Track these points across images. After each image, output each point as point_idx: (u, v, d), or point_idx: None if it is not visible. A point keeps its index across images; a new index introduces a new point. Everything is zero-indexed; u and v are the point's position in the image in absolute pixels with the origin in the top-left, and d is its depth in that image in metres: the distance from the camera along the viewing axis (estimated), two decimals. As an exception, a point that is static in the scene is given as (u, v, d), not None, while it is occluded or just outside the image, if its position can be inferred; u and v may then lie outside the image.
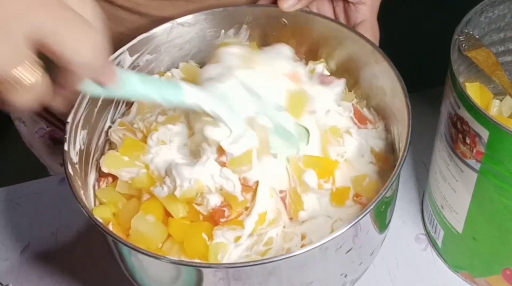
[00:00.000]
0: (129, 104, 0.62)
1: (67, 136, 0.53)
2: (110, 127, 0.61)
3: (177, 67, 0.65)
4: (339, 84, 0.61)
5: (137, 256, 0.49)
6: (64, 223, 0.72)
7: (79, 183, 0.53)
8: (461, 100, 0.52)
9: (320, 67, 0.63)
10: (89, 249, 0.69)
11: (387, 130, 0.60)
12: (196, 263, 0.50)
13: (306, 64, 0.64)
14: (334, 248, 0.49)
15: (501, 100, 0.62)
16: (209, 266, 0.48)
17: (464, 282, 0.64)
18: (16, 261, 0.69)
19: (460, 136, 0.53)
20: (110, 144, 0.61)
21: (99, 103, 0.58)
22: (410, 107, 0.53)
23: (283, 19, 0.63)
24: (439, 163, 0.59)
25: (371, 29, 0.63)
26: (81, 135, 0.56)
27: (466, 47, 0.57)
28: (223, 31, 0.64)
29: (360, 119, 0.60)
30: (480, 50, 0.58)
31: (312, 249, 0.45)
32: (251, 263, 0.47)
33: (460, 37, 0.56)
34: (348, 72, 0.63)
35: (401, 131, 0.56)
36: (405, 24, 0.61)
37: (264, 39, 0.65)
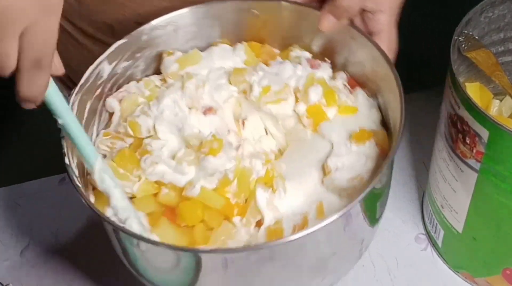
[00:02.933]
0: (111, 115, 0.61)
1: (64, 150, 0.53)
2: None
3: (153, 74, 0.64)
4: (327, 66, 0.62)
5: (140, 245, 0.49)
6: (64, 223, 0.72)
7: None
8: (461, 100, 0.52)
9: (304, 53, 0.63)
10: (89, 249, 0.69)
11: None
12: (194, 248, 0.50)
13: (282, 53, 0.64)
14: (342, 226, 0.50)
15: (501, 100, 0.62)
16: (206, 251, 0.49)
17: (464, 282, 0.64)
18: (16, 261, 0.69)
19: (460, 136, 0.53)
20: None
21: (85, 115, 0.57)
22: (397, 75, 0.54)
23: (254, 10, 0.62)
24: (439, 163, 0.59)
25: (387, 40, 0.61)
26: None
27: (465, 47, 0.57)
28: (195, 30, 0.63)
29: (353, 86, 0.62)
30: (480, 50, 0.58)
31: (304, 235, 0.46)
32: (250, 248, 0.48)
33: (460, 38, 0.56)
34: (325, 55, 0.63)
35: (386, 99, 0.57)
36: (405, 24, 0.61)
37: (237, 33, 0.64)
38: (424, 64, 0.60)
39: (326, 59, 0.62)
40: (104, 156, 0.58)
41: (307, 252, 0.50)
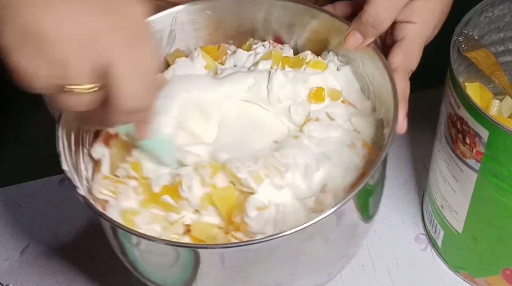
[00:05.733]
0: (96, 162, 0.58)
1: (61, 156, 0.52)
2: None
3: None
4: (288, 47, 0.63)
5: (138, 241, 0.49)
6: (64, 223, 0.72)
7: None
8: (461, 100, 0.52)
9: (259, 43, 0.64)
10: (89, 249, 0.69)
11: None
12: (191, 244, 0.50)
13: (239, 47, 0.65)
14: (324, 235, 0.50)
15: (501, 100, 0.62)
16: (205, 247, 0.49)
17: (464, 282, 0.64)
18: (16, 261, 0.69)
19: (460, 136, 0.53)
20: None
21: (72, 147, 0.55)
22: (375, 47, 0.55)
23: (207, 11, 0.62)
24: (439, 163, 0.59)
25: (406, 50, 0.55)
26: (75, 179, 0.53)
27: (465, 47, 0.57)
28: None
29: None
30: (480, 50, 0.58)
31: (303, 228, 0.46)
32: (244, 243, 0.48)
33: (460, 38, 0.56)
34: (283, 43, 0.64)
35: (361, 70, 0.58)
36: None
37: (195, 37, 0.64)
38: (424, 64, 0.59)
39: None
40: (106, 201, 0.54)
41: (302, 246, 0.50)
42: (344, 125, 0.57)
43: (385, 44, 0.59)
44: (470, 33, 0.57)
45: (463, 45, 0.57)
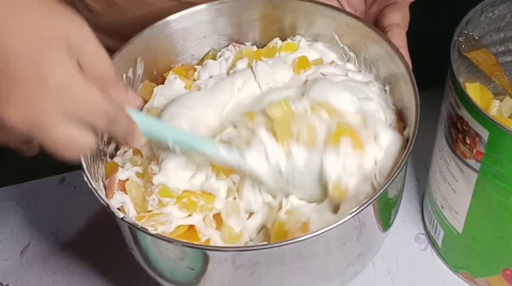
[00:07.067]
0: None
1: (84, 167, 0.51)
2: None
3: None
4: (251, 45, 0.64)
5: (156, 242, 0.49)
6: (64, 223, 0.72)
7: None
8: (461, 100, 0.52)
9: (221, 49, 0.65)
10: (89, 249, 0.69)
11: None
12: (205, 246, 0.50)
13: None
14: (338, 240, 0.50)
15: (501, 100, 0.62)
16: (217, 249, 0.49)
17: (464, 282, 0.64)
18: (16, 261, 0.69)
19: (460, 136, 0.53)
20: None
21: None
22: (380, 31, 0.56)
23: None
24: (439, 163, 0.59)
25: (402, 11, 0.60)
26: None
27: (465, 48, 0.57)
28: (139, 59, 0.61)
29: None
30: (480, 51, 0.58)
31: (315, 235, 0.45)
32: (257, 247, 0.48)
33: (460, 38, 0.56)
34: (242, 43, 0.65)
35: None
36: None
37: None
38: (424, 64, 0.59)
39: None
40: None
41: (316, 254, 0.49)
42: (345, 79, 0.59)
43: (369, 13, 0.63)
44: (470, 34, 0.57)
45: (463, 46, 0.57)
